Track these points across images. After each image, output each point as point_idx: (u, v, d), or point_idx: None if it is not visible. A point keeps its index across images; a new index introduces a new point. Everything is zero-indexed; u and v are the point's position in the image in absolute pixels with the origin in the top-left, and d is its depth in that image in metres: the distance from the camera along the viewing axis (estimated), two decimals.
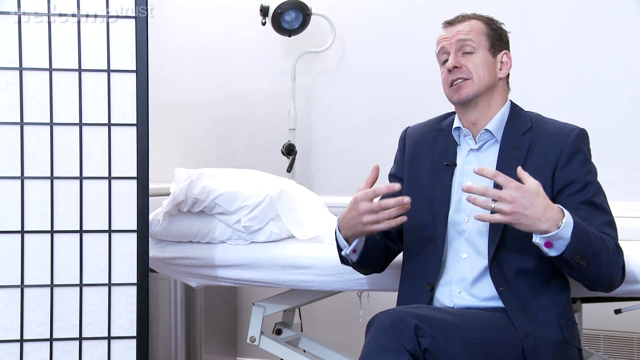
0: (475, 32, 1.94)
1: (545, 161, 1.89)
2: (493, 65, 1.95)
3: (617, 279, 1.83)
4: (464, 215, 1.93)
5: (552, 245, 1.73)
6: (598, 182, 1.91)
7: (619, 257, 1.83)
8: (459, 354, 1.72)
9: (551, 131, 1.92)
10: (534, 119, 1.97)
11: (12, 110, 2.08)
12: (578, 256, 1.73)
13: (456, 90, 1.94)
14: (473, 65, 1.93)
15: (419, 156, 2.04)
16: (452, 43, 1.94)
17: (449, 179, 1.96)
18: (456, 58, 1.93)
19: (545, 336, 1.80)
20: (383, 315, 1.72)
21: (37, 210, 2.09)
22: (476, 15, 1.99)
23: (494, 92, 1.96)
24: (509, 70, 1.98)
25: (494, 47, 1.95)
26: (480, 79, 1.92)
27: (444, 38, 1.98)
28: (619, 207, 2.81)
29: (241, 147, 3.52)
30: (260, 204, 2.30)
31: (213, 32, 3.55)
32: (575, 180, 1.86)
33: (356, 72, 3.33)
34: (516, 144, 1.92)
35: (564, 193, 1.87)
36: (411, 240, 2.01)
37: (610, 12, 2.94)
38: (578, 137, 1.90)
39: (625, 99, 2.93)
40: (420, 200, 1.97)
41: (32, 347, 2.10)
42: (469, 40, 1.93)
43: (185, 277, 2.43)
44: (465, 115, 1.97)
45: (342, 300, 3.11)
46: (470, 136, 1.97)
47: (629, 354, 2.89)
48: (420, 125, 2.12)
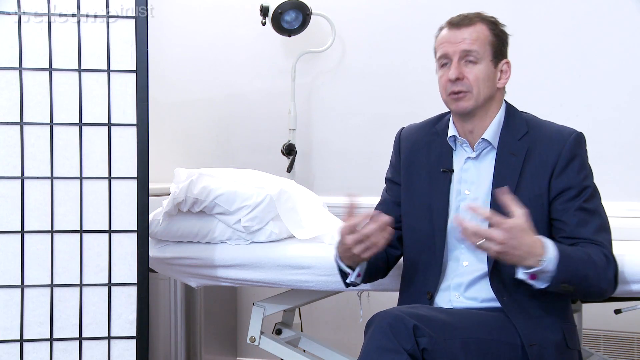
0: (481, 41, 1.90)
1: (542, 167, 1.88)
2: (493, 76, 1.92)
3: (608, 291, 1.84)
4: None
5: (536, 277, 1.75)
6: (594, 185, 1.90)
7: (609, 268, 1.81)
8: (457, 353, 1.72)
9: (548, 136, 1.90)
10: (530, 122, 1.95)
11: (12, 110, 2.08)
12: (565, 284, 1.75)
13: (454, 101, 1.91)
14: (474, 77, 1.89)
15: (414, 161, 2.03)
16: (456, 51, 1.89)
17: (446, 186, 1.95)
18: (459, 68, 1.89)
19: (549, 340, 1.80)
20: (382, 315, 1.72)
21: (37, 210, 2.09)
22: (481, 16, 1.93)
23: (492, 101, 1.94)
24: (508, 79, 1.95)
25: (496, 56, 1.92)
26: (480, 92, 1.90)
27: (447, 42, 1.92)
28: (619, 207, 2.81)
29: (241, 147, 3.52)
30: (260, 204, 2.30)
31: (213, 32, 3.54)
32: (571, 187, 1.85)
33: (356, 72, 3.33)
34: (513, 149, 1.91)
35: (559, 199, 1.86)
36: (410, 249, 2.01)
37: (611, 12, 2.94)
38: (575, 143, 1.88)
39: (625, 99, 2.93)
40: (419, 207, 1.97)
41: (32, 347, 2.10)
42: (474, 51, 1.89)
43: (185, 277, 2.43)
44: (462, 124, 1.96)
45: (342, 300, 3.11)
46: (467, 144, 1.96)
47: (629, 354, 2.89)
48: (415, 127, 2.09)
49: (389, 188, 2.10)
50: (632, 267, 1.98)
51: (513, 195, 1.76)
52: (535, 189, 1.87)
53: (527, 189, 1.87)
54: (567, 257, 1.74)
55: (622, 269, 1.96)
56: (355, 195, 1.83)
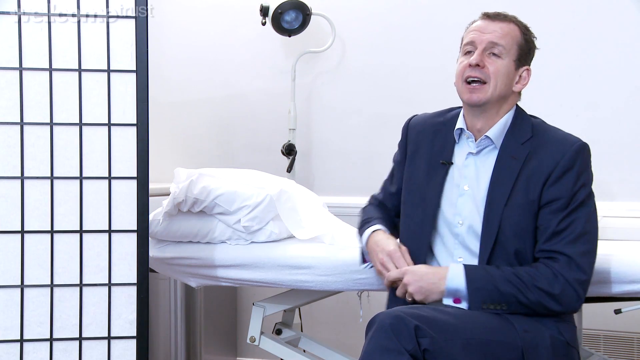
0: (510, 38, 1.91)
1: (538, 173, 1.87)
2: (513, 76, 1.92)
3: (566, 305, 1.83)
4: (459, 218, 1.93)
5: (460, 301, 1.85)
6: (588, 195, 1.87)
7: (555, 286, 1.80)
8: (458, 354, 1.72)
9: (551, 142, 1.90)
10: (536, 127, 1.94)
11: (12, 110, 2.08)
12: (491, 305, 1.82)
13: (469, 91, 1.91)
14: (495, 69, 1.89)
15: (418, 150, 2.05)
16: (483, 40, 1.90)
17: (441, 177, 1.97)
18: (482, 56, 1.90)
19: (544, 334, 1.80)
20: (383, 315, 1.72)
21: (37, 210, 2.09)
22: (516, 19, 1.95)
23: (505, 103, 1.94)
24: (525, 86, 1.96)
25: (520, 59, 1.93)
26: (496, 86, 1.90)
27: (477, 30, 1.92)
28: (619, 207, 2.82)
29: (241, 147, 3.52)
30: (260, 204, 2.30)
31: (213, 32, 3.55)
32: (560, 198, 1.84)
33: (356, 71, 3.33)
34: (515, 153, 1.90)
35: (546, 209, 1.86)
36: (404, 236, 2.04)
37: (611, 11, 2.94)
38: (575, 153, 1.86)
39: (625, 98, 2.93)
40: (415, 196, 2.01)
41: (32, 347, 2.10)
42: (501, 45, 1.90)
43: (185, 277, 2.43)
44: (472, 119, 1.96)
45: (342, 300, 3.12)
46: (472, 139, 1.96)
47: (629, 354, 2.89)
48: (424, 116, 2.11)
49: (394, 171, 2.16)
50: (632, 267, 1.98)
51: (507, 198, 1.85)
52: (529, 194, 1.87)
53: (522, 193, 1.87)
54: (479, 275, 1.83)
55: (622, 269, 1.96)
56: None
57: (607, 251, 2.05)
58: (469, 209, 1.92)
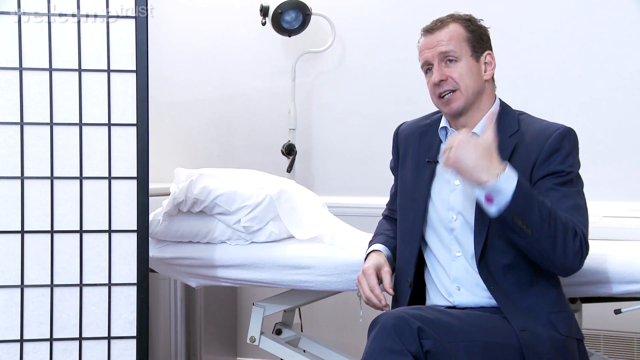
0: (456, 40, 1.93)
1: (526, 160, 1.87)
2: (477, 70, 1.94)
3: (570, 262, 1.78)
4: (452, 213, 1.93)
5: (492, 200, 1.72)
6: (578, 175, 1.88)
7: (575, 239, 1.76)
8: (461, 356, 1.72)
9: (535, 131, 1.91)
10: (522, 120, 1.95)
11: (12, 110, 2.08)
12: (520, 220, 1.71)
13: (446, 104, 1.94)
14: (458, 75, 1.92)
15: (407, 155, 2.07)
16: (434, 55, 1.94)
17: (428, 177, 1.98)
18: (440, 70, 1.93)
19: (541, 333, 1.80)
20: (386, 316, 1.72)
21: (37, 210, 2.09)
22: (454, 17, 1.97)
23: (482, 95, 1.96)
24: (494, 70, 1.97)
25: (475, 51, 1.94)
26: (467, 88, 1.92)
27: (424, 48, 1.97)
28: (619, 207, 2.82)
29: (241, 147, 3.52)
30: (260, 204, 2.30)
31: (213, 32, 3.55)
32: (552, 173, 1.84)
33: (356, 71, 3.33)
34: (501, 145, 1.90)
35: (538, 183, 1.85)
36: (400, 240, 2.05)
37: (611, 11, 2.94)
38: (559, 137, 1.87)
39: (625, 98, 2.92)
40: (406, 198, 2.02)
41: (32, 347, 2.10)
42: (451, 50, 1.92)
43: (185, 277, 2.43)
44: (455, 121, 1.98)
45: (342, 300, 3.11)
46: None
47: (629, 354, 2.89)
48: (412, 122, 2.13)
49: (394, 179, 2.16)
50: (631, 267, 1.98)
51: None
52: None
53: None
54: (528, 192, 1.72)
55: (621, 269, 1.96)
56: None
57: (607, 251, 2.05)
58: (462, 202, 1.92)
